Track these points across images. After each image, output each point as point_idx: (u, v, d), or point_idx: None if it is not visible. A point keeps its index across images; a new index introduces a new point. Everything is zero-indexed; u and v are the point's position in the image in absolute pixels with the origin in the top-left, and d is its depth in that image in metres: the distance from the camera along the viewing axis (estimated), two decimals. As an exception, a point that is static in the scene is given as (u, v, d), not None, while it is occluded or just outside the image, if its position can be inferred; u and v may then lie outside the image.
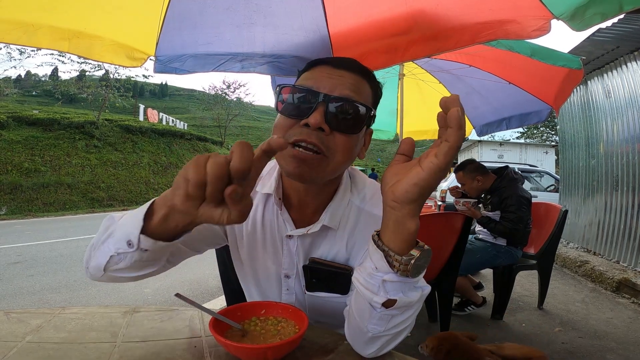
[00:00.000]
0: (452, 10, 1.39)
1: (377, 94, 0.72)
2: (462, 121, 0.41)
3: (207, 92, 33.98)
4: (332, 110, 0.61)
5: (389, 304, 0.51)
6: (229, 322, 0.58)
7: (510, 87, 2.66)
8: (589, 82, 4.55)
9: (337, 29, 1.60)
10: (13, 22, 1.27)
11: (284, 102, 0.64)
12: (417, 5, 1.42)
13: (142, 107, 26.10)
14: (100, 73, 18.32)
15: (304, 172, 0.61)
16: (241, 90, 38.72)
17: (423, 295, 0.54)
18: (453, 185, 3.13)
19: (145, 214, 0.49)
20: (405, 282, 0.51)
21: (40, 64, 20.06)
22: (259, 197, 0.75)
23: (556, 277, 3.63)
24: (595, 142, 4.50)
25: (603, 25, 3.42)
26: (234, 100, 32.18)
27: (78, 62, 16.48)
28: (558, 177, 6.76)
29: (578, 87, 4.76)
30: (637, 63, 3.70)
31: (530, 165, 9.05)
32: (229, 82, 32.25)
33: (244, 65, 1.68)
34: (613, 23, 3.36)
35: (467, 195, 2.78)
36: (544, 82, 2.43)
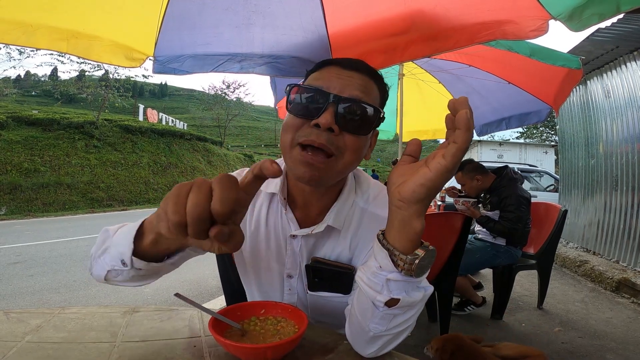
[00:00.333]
0: (450, 11, 1.40)
1: (384, 96, 0.72)
2: (471, 123, 0.41)
3: (207, 92, 34.00)
4: (342, 111, 0.61)
5: (391, 303, 0.52)
6: (229, 321, 0.58)
7: (510, 87, 2.66)
8: (588, 82, 4.55)
9: (336, 29, 1.60)
10: (12, 22, 1.26)
11: (293, 102, 0.64)
12: (416, 6, 1.42)
13: (141, 107, 26.05)
14: (100, 73, 18.31)
15: (314, 176, 0.62)
16: (241, 90, 38.74)
17: (426, 295, 0.54)
18: (450, 185, 3.13)
19: (136, 234, 0.49)
20: (409, 281, 0.51)
21: (39, 64, 20.00)
22: (264, 196, 0.75)
23: (556, 277, 3.63)
24: (594, 142, 4.50)
25: (602, 25, 3.42)
26: (234, 100, 32.21)
27: (78, 62, 16.51)
28: (557, 177, 6.76)
29: (577, 87, 4.76)
30: (636, 63, 3.70)
31: (530, 165, 9.03)
32: (228, 82, 32.33)
33: (242, 66, 1.68)
34: (612, 23, 3.36)
35: (466, 195, 2.78)
36: (544, 82, 2.44)
